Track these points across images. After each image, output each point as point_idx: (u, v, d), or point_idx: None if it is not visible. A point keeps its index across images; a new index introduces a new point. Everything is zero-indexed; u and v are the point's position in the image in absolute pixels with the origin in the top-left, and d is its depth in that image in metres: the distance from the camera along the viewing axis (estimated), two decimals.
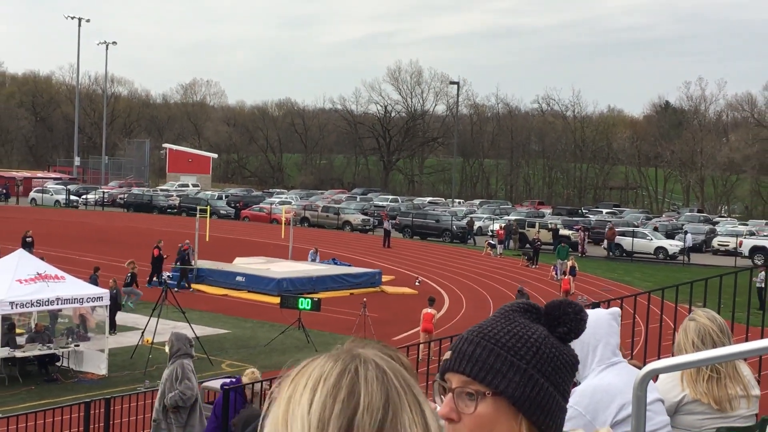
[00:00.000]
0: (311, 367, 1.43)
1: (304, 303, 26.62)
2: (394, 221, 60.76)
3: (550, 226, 59.40)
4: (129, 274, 31.63)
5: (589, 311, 4.13)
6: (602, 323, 3.93)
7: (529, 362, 1.83)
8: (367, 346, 1.49)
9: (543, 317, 1.92)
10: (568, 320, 1.90)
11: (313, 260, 42.80)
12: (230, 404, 12.69)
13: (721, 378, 4.55)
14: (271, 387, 1.64)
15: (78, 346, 23.34)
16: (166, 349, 12.49)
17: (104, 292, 23.62)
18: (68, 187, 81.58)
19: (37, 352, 22.61)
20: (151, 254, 37.11)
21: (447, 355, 1.94)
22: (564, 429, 1.79)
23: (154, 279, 36.38)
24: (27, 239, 38.86)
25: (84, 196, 79.41)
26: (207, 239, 42.75)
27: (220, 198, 78.03)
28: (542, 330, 1.89)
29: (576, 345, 3.87)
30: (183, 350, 12.33)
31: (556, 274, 42.53)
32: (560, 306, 1.92)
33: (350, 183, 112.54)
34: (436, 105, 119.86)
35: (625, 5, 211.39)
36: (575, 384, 3.98)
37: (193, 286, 36.30)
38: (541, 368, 1.84)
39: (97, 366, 22.98)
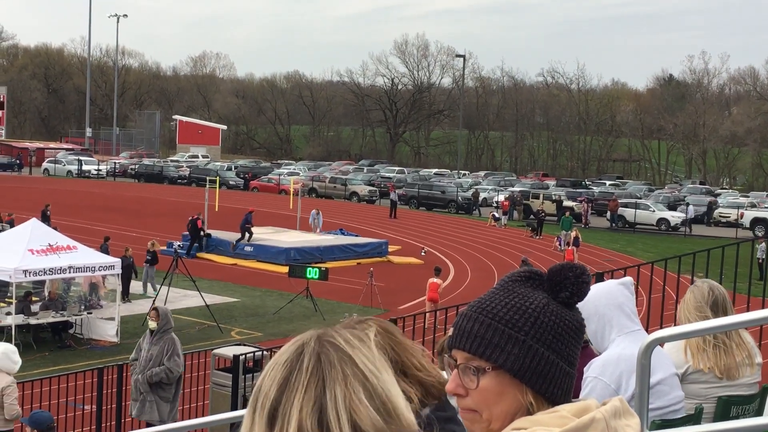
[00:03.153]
0: (282, 350, 1.47)
1: (312, 272, 26.67)
2: (400, 191, 60.74)
3: (554, 198, 59.33)
4: (150, 252, 29.53)
5: (601, 283, 4.13)
6: (616, 293, 3.92)
7: (527, 333, 1.82)
8: (336, 325, 1.51)
9: (545, 283, 1.90)
10: (569, 284, 1.87)
11: (314, 220, 42.80)
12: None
13: (728, 346, 4.54)
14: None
15: (90, 313, 23.46)
16: (152, 325, 12.00)
17: (116, 261, 23.69)
18: (80, 158, 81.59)
19: (50, 320, 22.74)
20: (193, 225, 36.79)
21: (450, 331, 1.94)
22: (593, 400, 1.78)
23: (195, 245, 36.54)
24: (47, 213, 38.64)
25: (95, 168, 79.31)
26: (216, 209, 42.81)
27: (229, 169, 78.01)
28: (541, 298, 1.87)
29: (593, 317, 3.89)
30: (170, 324, 12.04)
31: (560, 245, 42.52)
32: (561, 271, 1.89)
33: (357, 155, 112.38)
34: (442, 78, 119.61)
35: None
36: (592, 355, 3.97)
37: (203, 255, 36.40)
38: (540, 337, 1.82)
39: (109, 333, 23.11)
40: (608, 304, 3.87)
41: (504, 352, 1.81)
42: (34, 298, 23.48)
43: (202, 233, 37.03)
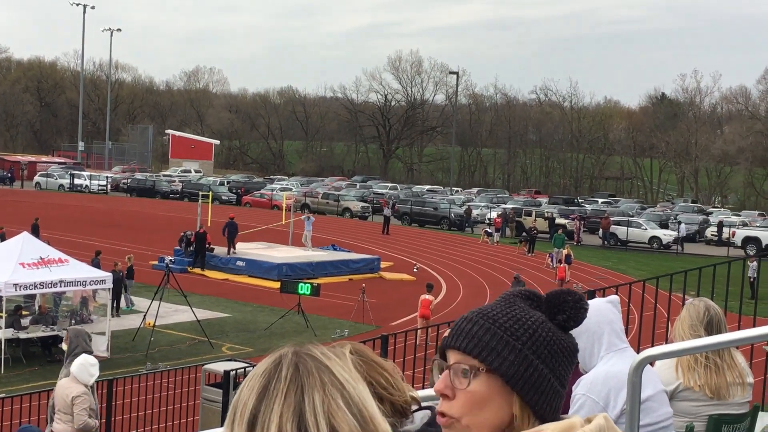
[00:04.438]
0: (260, 363, 1.50)
1: (304, 288, 26.65)
2: (393, 209, 60.75)
3: (546, 215, 59.39)
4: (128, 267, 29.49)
5: (590, 301, 4.14)
6: (604, 311, 3.92)
7: (524, 343, 1.84)
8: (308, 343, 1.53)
9: (543, 305, 1.93)
10: (567, 308, 1.91)
11: (307, 221, 42.94)
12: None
13: (719, 367, 4.55)
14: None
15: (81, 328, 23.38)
16: (64, 346, 11.22)
17: (107, 275, 23.64)
18: (71, 172, 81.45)
19: (40, 334, 22.66)
20: (200, 238, 36.72)
21: (447, 333, 1.95)
22: (577, 417, 1.78)
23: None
24: (36, 226, 38.48)
25: (87, 182, 79.13)
26: (209, 224, 42.77)
27: (222, 184, 77.94)
28: (541, 315, 1.90)
29: (582, 335, 3.90)
30: (81, 347, 11.13)
31: (552, 262, 42.57)
32: (560, 295, 1.93)
33: (350, 170, 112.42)
34: (435, 94, 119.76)
35: None
36: (582, 373, 3.97)
37: (194, 270, 36.36)
38: (536, 350, 1.84)
39: (100, 348, 23.02)
40: (599, 321, 3.87)
41: (500, 357, 1.83)
42: (24, 312, 23.40)
43: (208, 246, 37.02)
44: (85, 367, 10.87)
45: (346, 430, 1.39)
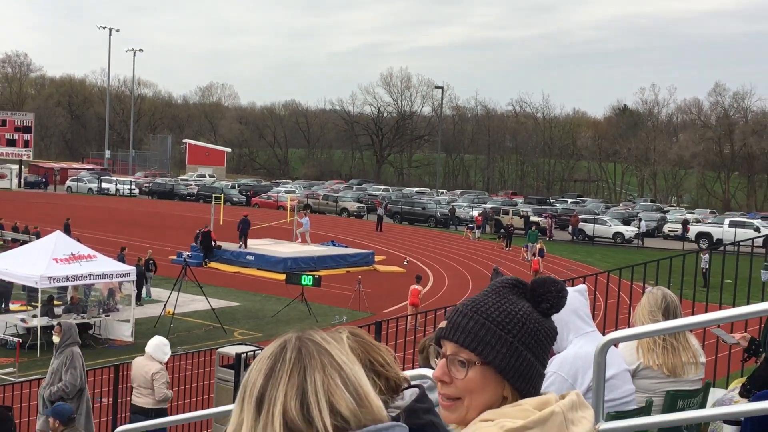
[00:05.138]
0: (267, 347, 1.50)
1: (307, 279, 26.62)
2: (385, 209, 60.71)
3: (522, 214, 59.39)
4: (148, 260, 29.39)
5: None
6: (573, 299, 3.92)
7: (515, 336, 1.82)
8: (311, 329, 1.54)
9: (528, 293, 1.90)
10: (550, 297, 1.89)
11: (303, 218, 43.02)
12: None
13: (675, 348, 4.56)
14: None
15: (108, 316, 23.33)
16: (56, 339, 11.03)
17: (131, 269, 23.59)
18: (100, 177, 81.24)
19: (72, 321, 22.59)
20: (206, 236, 36.61)
21: (443, 324, 1.93)
22: (552, 394, 1.79)
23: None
24: (68, 225, 38.43)
25: (114, 186, 78.95)
26: (221, 223, 42.70)
27: (233, 187, 77.77)
28: (528, 306, 1.87)
29: (554, 319, 3.90)
30: (73, 338, 10.95)
31: (527, 254, 42.57)
32: (544, 284, 1.90)
33: (347, 175, 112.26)
34: (422, 107, 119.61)
35: (588, 21, 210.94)
36: (552, 354, 3.98)
37: (209, 264, 36.29)
38: (525, 341, 1.82)
39: (125, 334, 22.98)
40: (566, 310, 3.87)
41: (494, 350, 1.81)
42: (57, 302, 23.33)
43: (214, 243, 36.92)
44: (159, 347, 11.19)
45: (343, 407, 1.40)
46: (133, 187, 78.30)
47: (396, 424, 1.47)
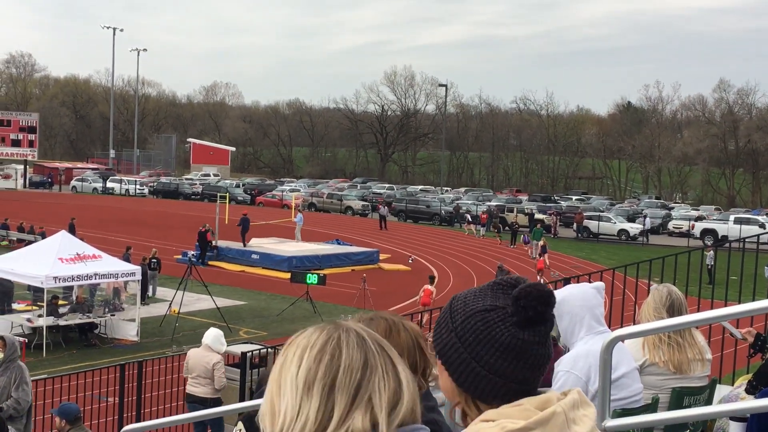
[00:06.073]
0: (300, 337, 1.48)
1: (312, 278, 26.62)
2: (389, 207, 60.69)
3: (526, 211, 59.35)
4: (154, 259, 29.49)
5: (575, 285, 4.13)
6: (588, 296, 3.90)
7: (455, 328, 1.77)
8: (351, 319, 1.55)
9: (512, 299, 1.76)
10: (517, 311, 1.74)
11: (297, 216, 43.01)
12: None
13: (681, 345, 4.55)
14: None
15: (113, 315, 23.35)
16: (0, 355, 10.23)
17: (137, 269, 23.60)
18: (105, 177, 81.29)
19: (77, 321, 22.64)
20: (202, 237, 36.59)
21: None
22: (554, 392, 1.75)
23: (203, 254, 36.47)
24: (73, 225, 38.41)
25: (119, 185, 79.06)
26: (226, 222, 42.74)
27: (237, 186, 77.79)
28: (493, 309, 1.75)
29: (565, 316, 3.90)
30: (17, 353, 10.27)
31: (532, 252, 42.54)
32: (517, 296, 1.74)
33: (351, 173, 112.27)
34: (426, 105, 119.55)
35: (592, 17, 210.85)
36: (564, 350, 3.97)
37: (214, 263, 36.28)
38: (462, 335, 1.75)
39: (130, 333, 23.00)
40: (582, 306, 3.86)
41: (436, 337, 1.81)
42: (62, 302, 23.35)
43: (210, 244, 36.84)
44: (218, 339, 12.06)
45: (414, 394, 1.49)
46: (141, 186, 78.39)
47: (421, 426, 1.47)
